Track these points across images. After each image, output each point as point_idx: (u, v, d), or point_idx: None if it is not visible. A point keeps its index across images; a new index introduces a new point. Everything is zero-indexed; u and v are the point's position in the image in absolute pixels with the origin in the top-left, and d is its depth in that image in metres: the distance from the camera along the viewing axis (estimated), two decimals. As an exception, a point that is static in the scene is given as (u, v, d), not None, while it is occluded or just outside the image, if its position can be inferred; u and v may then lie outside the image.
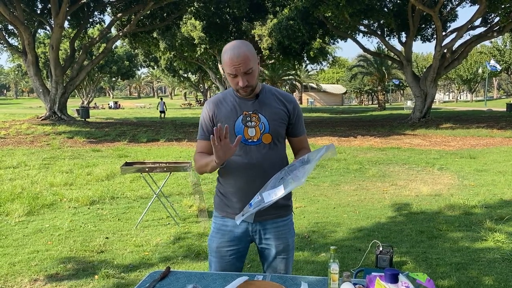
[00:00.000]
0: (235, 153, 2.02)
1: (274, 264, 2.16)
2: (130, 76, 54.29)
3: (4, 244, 4.50)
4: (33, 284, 3.57)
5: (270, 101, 2.07)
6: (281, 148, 2.12)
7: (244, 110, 2.03)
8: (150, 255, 4.20)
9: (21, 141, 13.91)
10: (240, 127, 2.03)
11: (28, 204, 5.96)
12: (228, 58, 1.90)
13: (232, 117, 2.03)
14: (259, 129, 2.03)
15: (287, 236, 2.16)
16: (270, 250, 2.15)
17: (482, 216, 5.29)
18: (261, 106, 2.05)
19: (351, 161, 9.96)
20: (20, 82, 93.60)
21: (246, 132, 2.03)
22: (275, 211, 2.11)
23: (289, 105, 2.09)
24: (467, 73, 56.04)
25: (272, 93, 2.11)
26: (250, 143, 2.03)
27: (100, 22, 25.72)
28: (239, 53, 1.89)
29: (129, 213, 5.75)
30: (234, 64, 1.89)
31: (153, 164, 5.23)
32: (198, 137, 2.16)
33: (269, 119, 2.04)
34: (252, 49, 1.95)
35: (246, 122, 2.03)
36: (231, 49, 1.91)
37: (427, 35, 24.38)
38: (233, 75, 1.93)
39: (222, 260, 2.15)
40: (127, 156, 10.96)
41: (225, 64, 1.93)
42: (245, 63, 1.89)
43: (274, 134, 2.05)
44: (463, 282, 3.49)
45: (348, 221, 5.30)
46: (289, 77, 59.45)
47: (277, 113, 2.06)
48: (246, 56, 1.89)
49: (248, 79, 1.94)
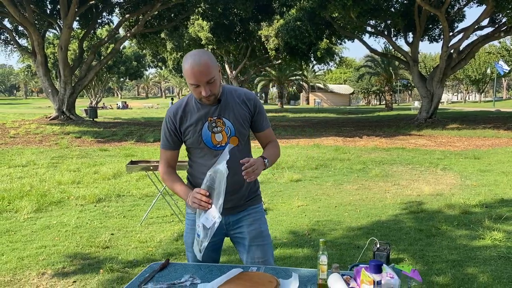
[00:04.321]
0: (205, 157, 2.14)
1: (251, 252, 2.23)
2: (138, 76, 54.69)
3: (13, 240, 4.65)
4: (40, 278, 3.70)
5: (232, 104, 2.12)
6: (246, 146, 2.23)
7: (209, 116, 2.09)
8: (154, 251, 4.32)
9: (30, 140, 14.14)
10: (207, 134, 2.10)
11: (37, 202, 6.12)
12: (189, 68, 1.92)
13: (198, 125, 2.10)
14: (225, 134, 2.11)
15: (260, 222, 2.25)
16: (244, 238, 2.24)
17: (482, 215, 5.35)
18: (224, 110, 2.10)
19: (355, 161, 10.03)
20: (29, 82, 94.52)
21: (214, 138, 2.11)
22: (246, 202, 2.23)
23: (249, 103, 2.14)
24: (476, 74, 55.64)
25: (232, 94, 2.14)
26: (218, 148, 2.11)
27: (108, 22, 26.01)
28: (200, 62, 1.91)
29: (134, 210, 5.89)
30: (195, 74, 1.92)
31: (158, 163, 5.35)
32: (162, 146, 2.22)
33: (233, 122, 2.10)
34: (212, 57, 1.98)
35: (212, 128, 2.10)
36: (192, 59, 1.92)
37: (434, 35, 24.32)
38: (195, 85, 1.96)
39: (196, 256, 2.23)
40: (134, 155, 11.12)
41: (186, 74, 1.94)
42: (207, 73, 1.92)
43: (240, 136, 2.14)
44: (458, 278, 3.57)
45: (348, 219, 5.39)
46: (296, 77, 59.54)
47: (240, 115, 2.12)
48: (207, 65, 1.92)
49: (211, 88, 1.97)
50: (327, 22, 22.49)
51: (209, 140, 2.11)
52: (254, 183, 2.28)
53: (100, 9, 23.13)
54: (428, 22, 22.60)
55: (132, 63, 50.31)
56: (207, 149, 2.14)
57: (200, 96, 2.00)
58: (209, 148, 2.13)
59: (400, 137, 15.70)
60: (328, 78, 74.27)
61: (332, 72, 74.18)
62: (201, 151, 2.16)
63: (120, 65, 48.38)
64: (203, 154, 2.16)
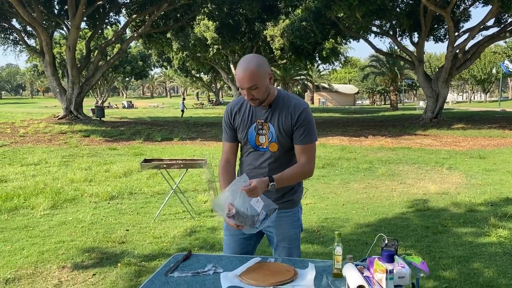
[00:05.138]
0: (249, 156, 2.30)
1: (278, 250, 2.38)
2: (143, 76, 54.96)
3: (32, 235, 4.81)
4: (61, 271, 3.85)
5: (281, 112, 2.19)
6: (287, 154, 2.26)
7: (258, 118, 2.24)
8: (168, 246, 4.47)
9: (39, 139, 14.34)
10: (253, 134, 2.26)
11: (51, 199, 6.28)
12: (237, 72, 2.06)
13: (247, 124, 2.25)
14: (267, 138, 2.23)
15: (288, 227, 2.35)
16: (272, 237, 2.38)
17: (487, 213, 5.46)
18: (272, 115, 2.20)
19: (361, 160, 10.14)
20: (35, 82, 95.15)
21: (257, 139, 2.26)
22: (280, 204, 2.32)
23: (294, 114, 2.18)
24: (481, 73, 55.50)
25: (284, 102, 2.21)
26: (260, 149, 2.27)
27: (115, 23, 26.23)
28: (246, 69, 2.03)
29: (147, 207, 6.04)
30: (239, 79, 2.05)
31: (170, 161, 5.51)
32: (223, 138, 2.39)
33: (276, 130, 2.20)
34: (261, 64, 2.06)
35: (258, 130, 2.24)
36: (240, 65, 2.06)
37: (440, 35, 24.35)
38: (241, 88, 2.10)
39: (232, 238, 2.40)
40: (143, 154, 11.29)
41: (235, 77, 2.11)
42: (250, 80, 2.02)
43: (280, 144, 2.22)
44: (464, 273, 3.69)
45: (356, 217, 5.52)
46: (301, 77, 59.57)
47: (284, 124, 2.19)
48: (251, 72, 2.02)
49: (253, 93, 2.07)
50: (333, 22, 22.58)
51: (253, 140, 2.26)
52: (291, 188, 2.34)
53: (107, 10, 23.35)
54: (433, 22, 22.65)
55: (138, 62, 50.58)
56: (251, 147, 2.29)
57: (245, 98, 2.14)
58: (252, 147, 2.28)
59: (405, 137, 15.79)
60: (333, 78, 74.25)
61: (337, 72, 74.20)
62: (246, 148, 2.32)
63: (126, 64, 48.67)
64: (248, 152, 2.32)
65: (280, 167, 2.23)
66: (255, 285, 1.96)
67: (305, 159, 2.21)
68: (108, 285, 3.53)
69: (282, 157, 2.27)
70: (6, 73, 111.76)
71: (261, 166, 2.28)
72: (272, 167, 2.25)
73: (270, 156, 2.25)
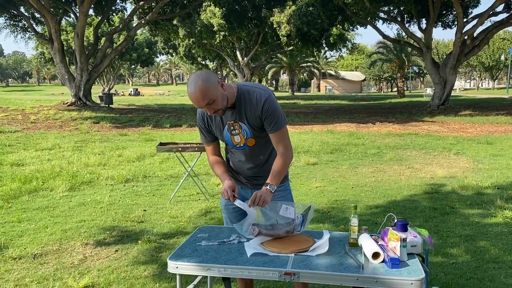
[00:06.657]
0: (231, 152, 2.47)
1: None
2: (149, 63, 54.87)
3: (54, 215, 5.02)
4: (85, 247, 4.05)
5: (246, 108, 2.25)
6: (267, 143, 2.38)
7: (228, 120, 2.33)
8: (185, 225, 4.66)
9: (50, 125, 14.57)
10: (228, 136, 2.38)
11: (69, 181, 6.49)
12: (189, 96, 2.09)
13: (220, 127, 2.37)
14: (242, 136, 2.35)
15: (283, 200, 2.46)
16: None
17: (494, 196, 5.59)
18: (239, 114, 2.27)
19: (369, 145, 10.26)
20: (42, 69, 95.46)
21: (233, 139, 2.38)
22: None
23: (258, 107, 2.23)
24: (489, 60, 54.97)
25: (245, 97, 2.24)
26: (238, 148, 2.41)
27: (122, 10, 26.26)
28: (195, 89, 2.04)
29: (162, 189, 6.23)
30: (193, 101, 2.08)
31: (185, 144, 5.67)
32: (203, 142, 2.52)
33: (248, 126, 2.29)
34: (208, 80, 2.06)
35: (231, 131, 2.36)
36: (189, 89, 2.06)
37: (448, 22, 24.18)
38: (199, 108, 2.19)
39: (230, 215, 2.59)
40: (153, 140, 11.47)
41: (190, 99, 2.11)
42: (203, 97, 2.05)
43: (256, 137, 2.35)
44: (471, 250, 3.84)
45: (365, 199, 5.67)
46: (308, 64, 59.33)
47: (253, 119, 2.27)
48: (202, 91, 2.04)
49: (213, 107, 2.12)
50: (340, 8, 22.47)
51: (230, 140, 2.40)
52: None
53: (114, -4, 23.39)
54: (442, 8, 22.48)
55: (144, 49, 50.53)
56: (231, 147, 2.44)
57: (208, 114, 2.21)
58: (231, 147, 2.43)
59: (413, 123, 15.85)
60: (340, 65, 73.88)
61: (344, 59, 73.76)
62: (229, 147, 2.47)
63: (132, 52, 48.61)
64: (231, 150, 2.47)
65: (263, 148, 2.39)
66: (277, 252, 2.13)
67: (282, 147, 2.32)
68: (131, 260, 3.72)
69: (262, 146, 2.39)
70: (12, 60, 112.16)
71: (247, 159, 2.42)
72: (255, 154, 2.40)
73: (251, 149, 2.38)
